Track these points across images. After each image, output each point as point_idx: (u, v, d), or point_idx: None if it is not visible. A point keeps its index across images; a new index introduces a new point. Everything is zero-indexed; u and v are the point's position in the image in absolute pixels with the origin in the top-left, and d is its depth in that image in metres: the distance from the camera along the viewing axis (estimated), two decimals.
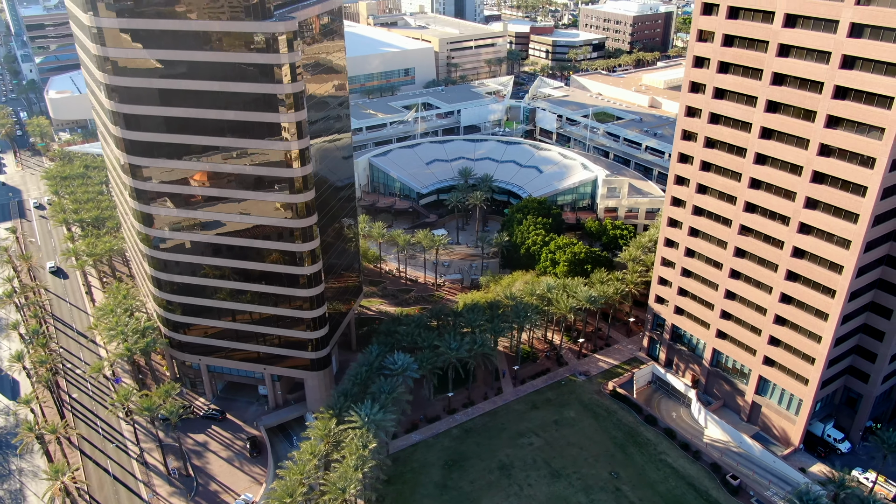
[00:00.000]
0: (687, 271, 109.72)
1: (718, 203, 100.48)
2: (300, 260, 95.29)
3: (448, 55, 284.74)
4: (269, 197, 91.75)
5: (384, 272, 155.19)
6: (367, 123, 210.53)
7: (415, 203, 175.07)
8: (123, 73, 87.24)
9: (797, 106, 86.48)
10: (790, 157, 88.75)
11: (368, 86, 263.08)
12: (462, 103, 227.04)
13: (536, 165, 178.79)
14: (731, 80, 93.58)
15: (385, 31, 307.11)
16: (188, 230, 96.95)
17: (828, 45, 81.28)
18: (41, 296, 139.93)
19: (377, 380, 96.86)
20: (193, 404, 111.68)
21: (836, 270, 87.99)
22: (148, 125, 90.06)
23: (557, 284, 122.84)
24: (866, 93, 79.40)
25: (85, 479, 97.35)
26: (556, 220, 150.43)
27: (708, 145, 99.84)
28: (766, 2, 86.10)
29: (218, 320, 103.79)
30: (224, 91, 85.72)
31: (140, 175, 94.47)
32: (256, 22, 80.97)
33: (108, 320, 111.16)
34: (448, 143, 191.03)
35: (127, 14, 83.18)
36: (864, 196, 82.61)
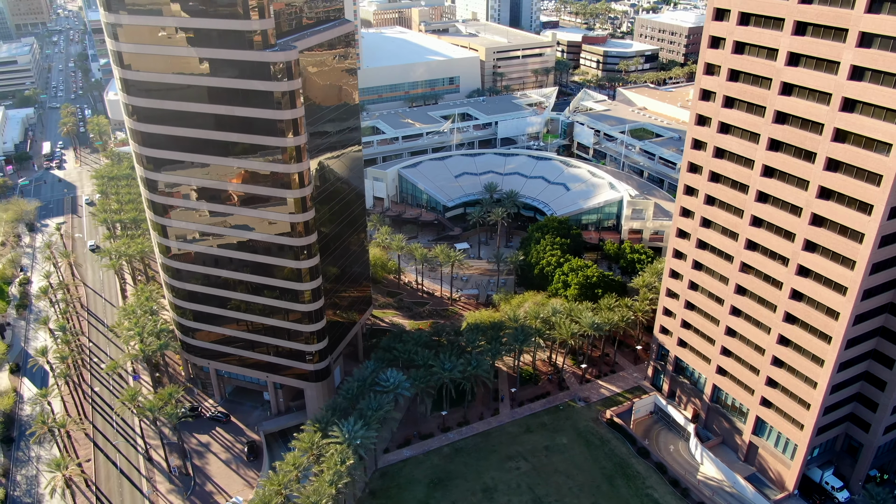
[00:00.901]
0: (690, 304, 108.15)
1: (721, 238, 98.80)
2: (300, 276, 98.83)
3: (494, 64, 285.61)
4: (270, 215, 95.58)
5: (403, 283, 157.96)
6: (403, 133, 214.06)
7: (440, 215, 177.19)
8: (136, 90, 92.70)
9: (798, 146, 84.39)
10: (790, 197, 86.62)
11: (413, 93, 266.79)
12: (500, 115, 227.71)
13: (564, 182, 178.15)
14: (736, 116, 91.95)
15: (434, 39, 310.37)
16: (196, 242, 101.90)
17: (829, 87, 79.15)
18: (77, 292, 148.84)
19: (367, 396, 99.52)
20: (202, 405, 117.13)
21: (832, 316, 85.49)
22: (159, 137, 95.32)
23: (564, 308, 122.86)
24: (865, 137, 77.03)
25: (93, 470, 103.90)
26: (576, 241, 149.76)
27: (712, 179, 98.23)
28: (769, 38, 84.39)
29: (224, 328, 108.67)
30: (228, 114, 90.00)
31: (155, 188, 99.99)
32: (257, 52, 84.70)
33: (129, 320, 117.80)
34: (479, 157, 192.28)
35: (136, 40, 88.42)
36: (862, 243, 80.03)
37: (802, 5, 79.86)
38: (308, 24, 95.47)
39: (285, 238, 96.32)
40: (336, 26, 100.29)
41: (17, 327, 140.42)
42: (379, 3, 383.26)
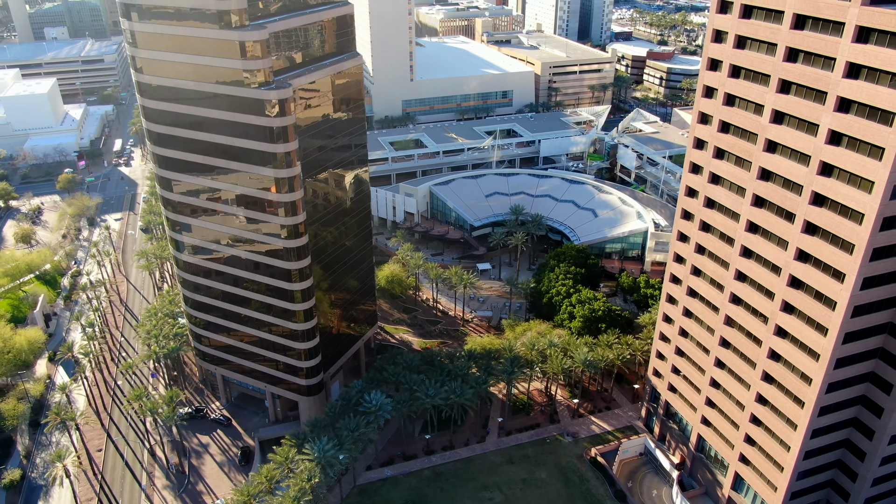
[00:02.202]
0: (680, 350, 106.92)
1: (709, 288, 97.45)
2: (292, 297, 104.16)
3: (550, 79, 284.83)
4: (264, 238, 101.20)
5: (420, 300, 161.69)
6: (445, 148, 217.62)
7: (467, 234, 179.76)
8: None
9: (779, 205, 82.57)
10: (771, 255, 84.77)
11: (464, 106, 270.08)
12: (544, 133, 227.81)
13: (594, 209, 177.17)
14: (725, 167, 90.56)
15: (493, 50, 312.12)
16: (200, 257, 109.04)
17: (808, 149, 77.18)
18: (117, 291, 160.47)
19: (347, 416, 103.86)
20: (209, 406, 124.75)
21: (806, 381, 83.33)
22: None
23: (561, 342, 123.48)
24: (841, 204, 74.83)
25: (102, 460, 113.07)
26: (591, 271, 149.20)
27: (703, 228, 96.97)
28: (756, 94, 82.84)
29: (226, 337, 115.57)
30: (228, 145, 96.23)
31: (168, 204, 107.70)
32: (253, 89, 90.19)
33: (150, 322, 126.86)
34: (512, 177, 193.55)
35: (152, 72, 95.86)
36: (834, 310, 77.80)
37: (787, 63, 78.22)
38: (312, 59, 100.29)
39: (278, 261, 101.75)
40: (342, 61, 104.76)
41: (63, 317, 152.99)
42: (447, 11, 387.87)
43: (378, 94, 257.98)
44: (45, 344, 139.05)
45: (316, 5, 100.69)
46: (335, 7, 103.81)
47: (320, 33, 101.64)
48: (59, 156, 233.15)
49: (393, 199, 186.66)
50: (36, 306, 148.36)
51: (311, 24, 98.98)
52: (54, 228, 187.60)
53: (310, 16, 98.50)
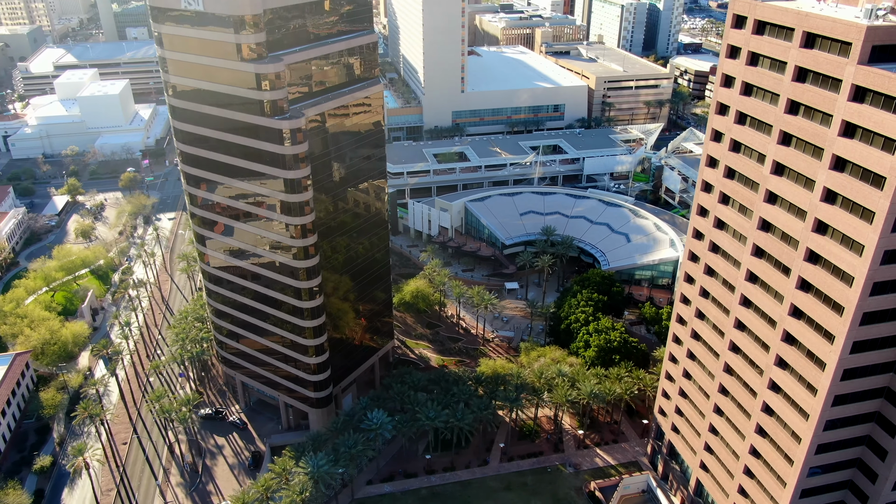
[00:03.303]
0: (683, 392, 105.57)
1: (711, 334, 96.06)
2: (302, 314, 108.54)
3: (604, 94, 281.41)
4: (277, 257, 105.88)
5: (445, 316, 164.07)
6: (487, 162, 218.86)
7: (499, 252, 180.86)
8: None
9: (777, 258, 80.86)
10: (768, 307, 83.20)
11: (514, 118, 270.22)
12: (590, 151, 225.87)
13: (627, 233, 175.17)
14: (728, 213, 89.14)
15: (550, 62, 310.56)
16: (221, 269, 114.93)
17: (805, 203, 75.44)
18: (160, 289, 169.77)
19: (346, 433, 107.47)
20: (229, 409, 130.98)
21: (795, 440, 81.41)
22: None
23: (571, 371, 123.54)
24: (833, 265, 72.89)
25: (126, 453, 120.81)
26: (614, 299, 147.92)
27: (707, 272, 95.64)
28: (759, 143, 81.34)
29: (243, 345, 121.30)
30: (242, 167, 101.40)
31: (196, 219, 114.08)
32: (267, 118, 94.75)
33: (180, 324, 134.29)
34: (549, 196, 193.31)
35: (181, 97, 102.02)
36: (823, 371, 75.82)
37: (788, 115, 76.60)
38: (331, 87, 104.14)
39: (290, 279, 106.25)
40: (362, 88, 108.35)
41: (109, 312, 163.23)
42: (509, 20, 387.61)
43: (428, 105, 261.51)
44: (89, 338, 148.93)
45: (339, 34, 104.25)
46: (359, 36, 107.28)
47: (341, 62, 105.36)
48: (125, 154, 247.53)
49: (428, 212, 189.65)
50: (85, 300, 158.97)
51: (332, 53, 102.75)
52: (112, 225, 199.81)
53: (331, 46, 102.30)
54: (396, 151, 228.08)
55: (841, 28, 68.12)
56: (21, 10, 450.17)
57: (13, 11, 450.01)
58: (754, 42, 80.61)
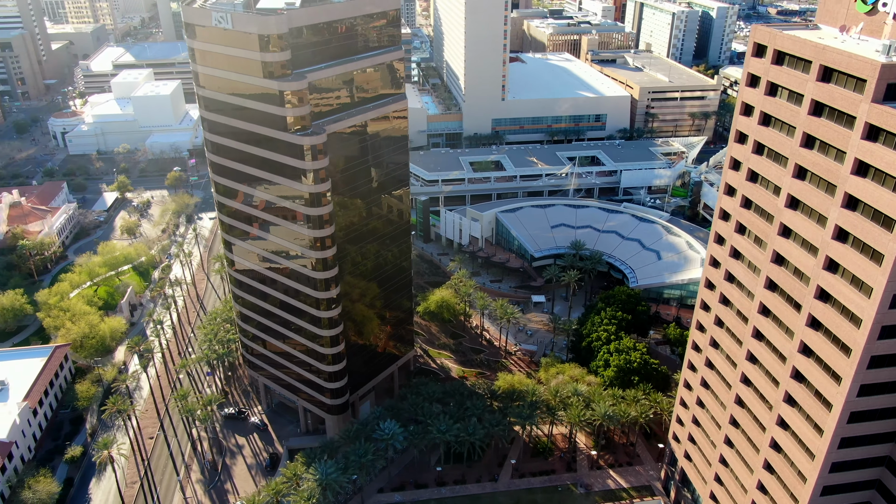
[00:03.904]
0: (696, 420, 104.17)
1: (724, 363, 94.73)
2: (319, 323, 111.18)
3: (648, 104, 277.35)
4: (295, 266, 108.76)
5: (470, 327, 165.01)
6: (522, 172, 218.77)
7: (528, 264, 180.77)
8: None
9: (789, 293, 79.31)
10: (778, 342, 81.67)
11: (555, 127, 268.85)
12: (628, 163, 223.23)
13: (658, 250, 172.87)
14: (744, 243, 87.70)
15: (595, 70, 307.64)
16: (244, 275, 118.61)
17: (816, 240, 73.86)
18: (195, 288, 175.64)
19: (359, 441, 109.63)
20: (251, 410, 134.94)
21: (801, 479, 79.77)
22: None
23: (588, 390, 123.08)
24: (842, 305, 71.25)
25: (151, 447, 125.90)
26: (639, 318, 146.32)
27: (722, 301, 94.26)
28: (776, 174, 79.94)
29: (265, 349, 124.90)
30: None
31: (224, 227, 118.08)
32: (289, 134, 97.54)
33: (209, 325, 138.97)
34: (581, 209, 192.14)
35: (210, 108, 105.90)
36: (822, 436, 74.55)
37: (803, 149, 75.11)
38: (356, 103, 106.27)
39: (309, 289, 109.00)
40: (387, 104, 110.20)
41: (147, 309, 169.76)
42: (556, 26, 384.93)
43: (468, 112, 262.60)
44: (126, 333, 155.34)
45: (366, 50, 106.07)
46: (386, 53, 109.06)
47: (366, 78, 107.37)
48: (173, 153, 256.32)
49: (460, 221, 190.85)
50: (125, 296, 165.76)
51: (357, 70, 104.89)
52: (156, 223, 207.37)
53: (357, 62, 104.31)
54: (433, 158, 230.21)
55: (856, 64, 66.55)
56: (87, 8, 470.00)
57: (79, 10, 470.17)
58: (773, 72, 79.22)
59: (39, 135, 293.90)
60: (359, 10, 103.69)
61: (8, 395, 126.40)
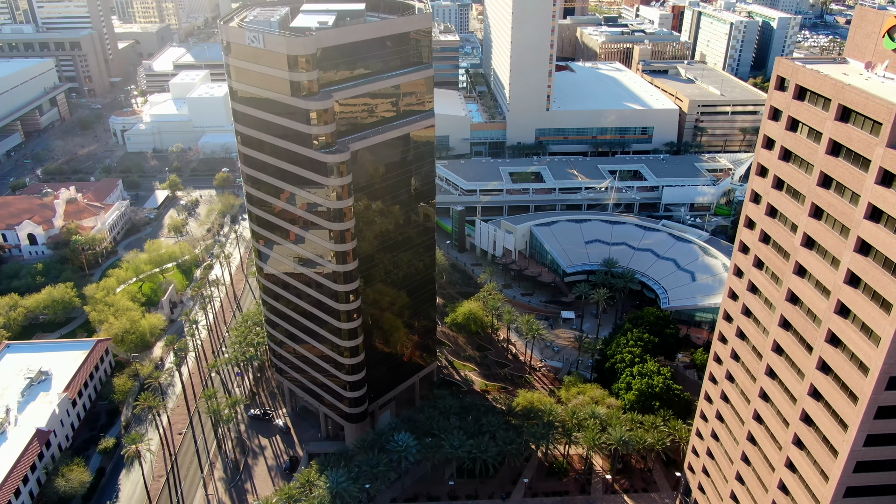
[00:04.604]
0: (710, 453, 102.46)
1: (739, 399, 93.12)
2: (340, 334, 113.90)
3: (697, 118, 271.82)
4: (318, 278, 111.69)
5: (497, 340, 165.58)
6: (561, 185, 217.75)
7: (559, 279, 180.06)
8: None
9: (801, 333, 77.60)
10: (789, 380, 79.97)
11: (600, 139, 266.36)
12: (670, 179, 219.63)
13: (693, 272, 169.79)
14: (762, 279, 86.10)
15: (645, 81, 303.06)
16: (272, 282, 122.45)
17: (829, 282, 72.13)
18: (233, 288, 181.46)
19: (373, 451, 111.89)
20: (277, 412, 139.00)
21: None
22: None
23: (606, 413, 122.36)
24: (852, 352, 69.42)
25: (179, 443, 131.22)
26: (666, 342, 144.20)
27: (739, 335, 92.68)
28: (793, 211, 78.31)
29: (288, 354, 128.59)
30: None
31: (255, 236, 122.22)
32: (314, 151, 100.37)
33: (240, 328, 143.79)
34: (617, 225, 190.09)
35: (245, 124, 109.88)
36: (827, 483, 72.52)
37: (820, 188, 73.45)
38: (383, 120, 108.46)
39: (330, 300, 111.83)
40: (414, 122, 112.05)
41: (188, 306, 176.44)
42: (609, 34, 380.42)
43: (512, 122, 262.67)
44: (165, 330, 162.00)
45: (394, 69, 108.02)
46: (414, 72, 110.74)
47: (394, 96, 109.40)
48: (224, 153, 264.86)
49: (494, 233, 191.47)
50: (166, 293, 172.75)
51: (385, 88, 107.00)
52: (202, 222, 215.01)
53: (385, 81, 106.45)
54: (473, 168, 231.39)
55: (873, 106, 64.79)
56: (153, 8, 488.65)
57: (147, 10, 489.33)
58: (794, 107, 77.61)
59: (101, 132, 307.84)
60: (389, 30, 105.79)
61: (51, 386, 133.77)
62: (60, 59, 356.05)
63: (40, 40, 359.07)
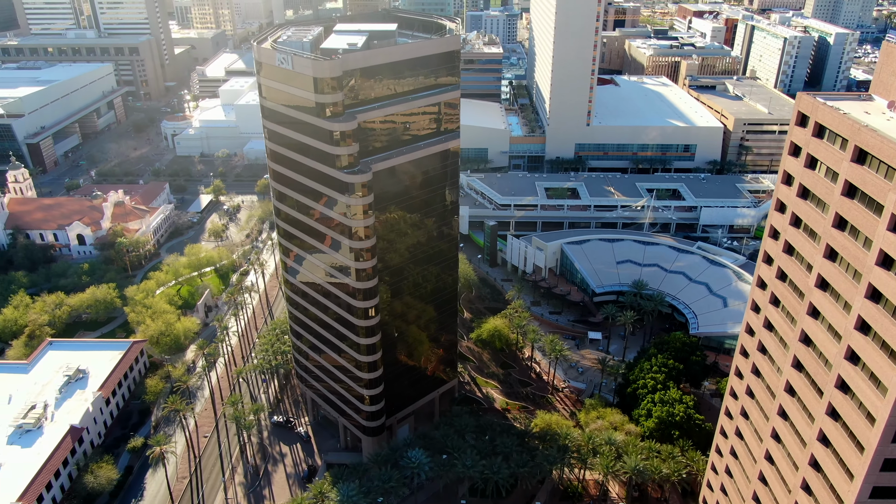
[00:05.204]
0: (724, 489, 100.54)
1: (752, 436, 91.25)
2: (359, 349, 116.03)
3: (742, 136, 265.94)
4: (337, 292, 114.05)
5: (522, 357, 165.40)
6: (597, 202, 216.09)
7: (588, 298, 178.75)
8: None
9: (813, 377, 75.89)
10: (799, 423, 78.22)
11: (640, 155, 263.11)
12: (709, 199, 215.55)
13: (725, 297, 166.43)
14: (777, 315, 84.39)
15: (691, 98, 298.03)
16: (296, 293, 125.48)
17: (840, 327, 70.45)
18: (266, 295, 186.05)
19: (386, 466, 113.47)
20: (299, 420, 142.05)
21: None
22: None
23: (623, 440, 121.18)
24: (860, 402, 67.63)
25: (205, 445, 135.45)
26: (692, 369, 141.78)
27: (754, 372, 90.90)
28: (809, 251, 76.72)
29: (310, 364, 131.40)
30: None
31: (282, 250, 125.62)
32: (337, 171, 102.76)
33: (267, 336, 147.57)
34: (650, 246, 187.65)
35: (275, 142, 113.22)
36: None
37: (835, 230, 71.78)
38: (407, 140, 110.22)
39: (349, 315, 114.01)
40: (438, 143, 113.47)
41: (222, 311, 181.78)
42: (657, 48, 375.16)
43: (552, 136, 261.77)
44: (198, 333, 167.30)
45: (421, 90, 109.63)
46: (441, 93, 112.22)
47: (419, 118, 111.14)
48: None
49: (525, 249, 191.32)
50: (202, 297, 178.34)
51: (410, 110, 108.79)
52: (241, 228, 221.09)
53: (410, 103, 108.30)
54: (508, 182, 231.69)
55: (888, 150, 63.19)
56: (210, 15, 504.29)
57: (204, 16, 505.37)
58: (813, 145, 76.09)
59: (154, 135, 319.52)
60: (416, 53, 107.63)
61: (87, 384, 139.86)
62: (119, 63, 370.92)
63: (101, 45, 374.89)
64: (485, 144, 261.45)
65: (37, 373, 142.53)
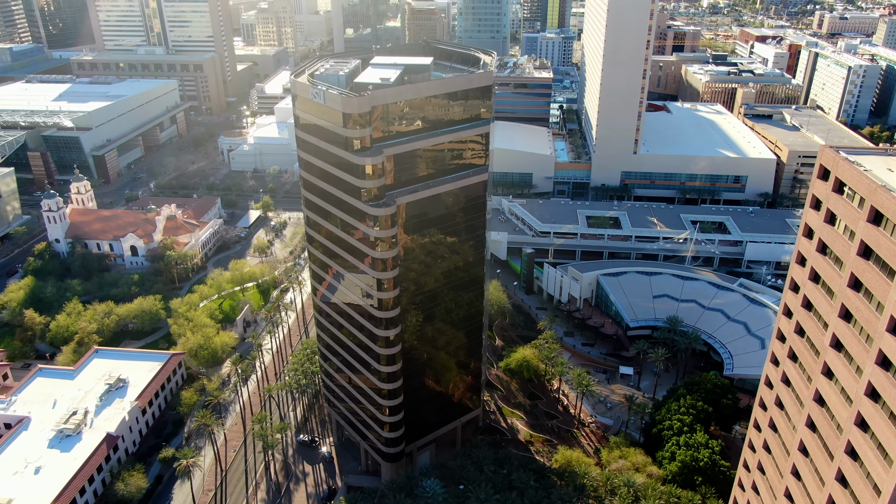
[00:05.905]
0: None
1: (767, 492, 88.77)
2: (380, 376, 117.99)
3: (797, 169, 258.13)
4: (363, 322, 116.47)
5: (550, 389, 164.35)
6: (638, 233, 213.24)
7: (622, 332, 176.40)
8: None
9: (825, 438, 73.64)
10: (812, 486, 75.89)
11: (688, 185, 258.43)
12: (756, 234, 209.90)
13: (764, 338, 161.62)
14: (794, 371, 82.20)
15: (745, 127, 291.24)
16: (325, 317, 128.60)
17: (851, 391, 68.33)
18: (303, 313, 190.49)
19: (400, 495, 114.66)
20: (324, 440, 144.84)
21: None
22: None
23: (642, 483, 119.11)
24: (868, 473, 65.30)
25: (232, 459, 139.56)
26: (722, 412, 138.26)
27: (771, 426, 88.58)
28: (825, 308, 74.76)
29: (335, 387, 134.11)
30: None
31: (312, 275, 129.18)
32: (362, 203, 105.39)
33: (298, 356, 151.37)
34: (689, 282, 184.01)
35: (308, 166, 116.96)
36: None
37: (850, 290, 69.85)
38: (434, 174, 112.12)
39: (371, 343, 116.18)
40: (465, 178, 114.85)
41: (260, 327, 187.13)
42: (714, 74, 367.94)
43: (598, 163, 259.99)
44: (235, 348, 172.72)
45: (449, 125, 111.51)
46: (469, 128, 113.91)
47: (446, 152, 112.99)
48: None
49: (561, 278, 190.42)
50: (241, 313, 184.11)
51: (438, 145, 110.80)
52: (286, 244, 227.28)
53: (438, 138, 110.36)
54: (550, 208, 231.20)
55: None
56: (273, 32, 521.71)
57: (267, 34, 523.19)
58: (833, 200, 74.29)
59: (212, 149, 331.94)
60: (447, 88, 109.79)
61: (126, 393, 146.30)
62: (184, 78, 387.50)
63: (168, 62, 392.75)
64: (529, 169, 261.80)
65: (81, 379, 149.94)
